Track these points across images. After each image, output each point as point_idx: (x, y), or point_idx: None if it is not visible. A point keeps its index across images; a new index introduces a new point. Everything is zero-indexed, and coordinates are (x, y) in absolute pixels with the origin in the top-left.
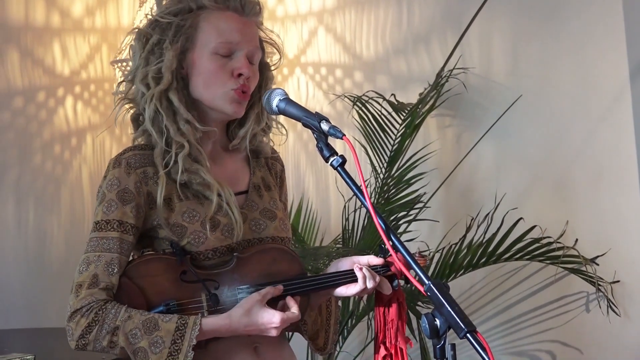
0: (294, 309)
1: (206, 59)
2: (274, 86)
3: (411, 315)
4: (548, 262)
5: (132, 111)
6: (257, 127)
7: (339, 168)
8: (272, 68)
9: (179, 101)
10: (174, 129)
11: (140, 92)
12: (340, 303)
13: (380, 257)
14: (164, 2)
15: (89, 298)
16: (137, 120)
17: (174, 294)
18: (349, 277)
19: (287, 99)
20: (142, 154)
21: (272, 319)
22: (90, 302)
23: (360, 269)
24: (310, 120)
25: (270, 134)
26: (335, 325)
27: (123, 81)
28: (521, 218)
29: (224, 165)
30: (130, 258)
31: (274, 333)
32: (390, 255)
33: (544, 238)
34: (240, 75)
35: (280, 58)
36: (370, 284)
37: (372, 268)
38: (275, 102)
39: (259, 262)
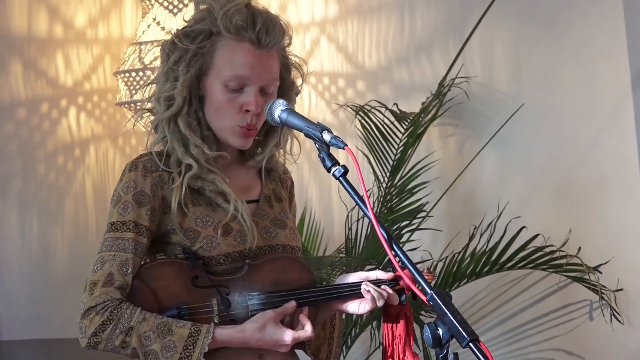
0: (307, 327)
1: (217, 89)
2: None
3: (414, 324)
4: (551, 270)
5: (143, 120)
6: (275, 149)
7: (341, 178)
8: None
9: (187, 127)
10: (181, 152)
11: (156, 111)
12: (344, 315)
13: (388, 271)
14: (188, 17)
15: (104, 296)
16: (156, 128)
17: (185, 298)
18: (360, 289)
19: (289, 110)
20: (161, 159)
21: (284, 337)
22: (105, 301)
23: (368, 291)
24: (312, 130)
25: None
26: (338, 338)
27: (148, 84)
28: (524, 227)
29: (236, 175)
30: (143, 262)
31: (283, 350)
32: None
33: (547, 246)
34: (248, 111)
35: (302, 83)
36: (380, 303)
37: (381, 282)
38: (277, 113)
39: (270, 270)
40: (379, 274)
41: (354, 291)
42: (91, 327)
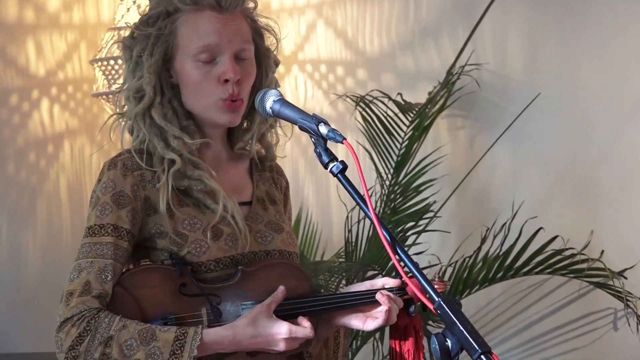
0: (306, 324)
1: (189, 67)
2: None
3: None
4: (571, 275)
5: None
6: (265, 126)
7: (339, 175)
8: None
9: (163, 118)
10: (161, 147)
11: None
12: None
13: (394, 277)
14: (144, 9)
15: (81, 306)
16: (131, 130)
17: (172, 307)
18: (367, 298)
19: (282, 100)
20: (141, 157)
21: (280, 329)
22: (82, 311)
23: (388, 301)
24: (308, 122)
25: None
26: (343, 357)
27: (118, 91)
28: (541, 228)
29: (226, 173)
30: (125, 268)
31: (281, 346)
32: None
33: (567, 249)
34: (227, 81)
35: (278, 44)
36: (393, 319)
37: (388, 291)
38: (269, 104)
39: (265, 278)
40: (386, 282)
41: (359, 301)
42: (68, 340)
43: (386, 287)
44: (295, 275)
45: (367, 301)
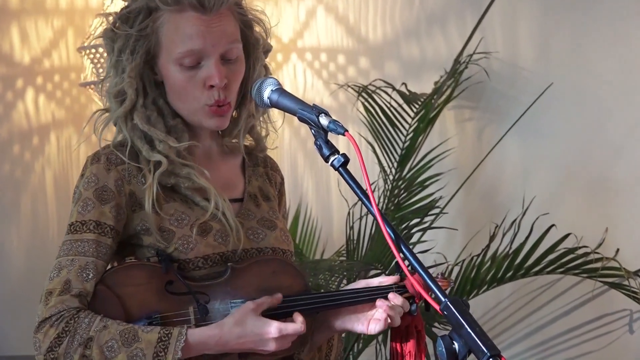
0: (297, 319)
1: (173, 70)
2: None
3: (426, 338)
4: (585, 275)
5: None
6: (254, 119)
7: (340, 169)
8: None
9: (146, 122)
10: (145, 150)
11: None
12: (343, 334)
13: (397, 274)
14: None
15: (60, 306)
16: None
17: (158, 306)
18: (365, 296)
19: (280, 90)
20: (124, 151)
21: (268, 328)
22: (60, 311)
23: (387, 309)
24: (307, 113)
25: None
26: None
27: (102, 81)
28: (553, 225)
29: (217, 170)
30: (109, 266)
31: (271, 347)
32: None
33: (580, 248)
34: (212, 86)
35: (268, 36)
36: (397, 322)
37: (386, 288)
38: (266, 94)
39: (257, 275)
40: (383, 280)
41: (356, 299)
42: (46, 341)
43: (384, 285)
44: (288, 273)
45: (365, 299)
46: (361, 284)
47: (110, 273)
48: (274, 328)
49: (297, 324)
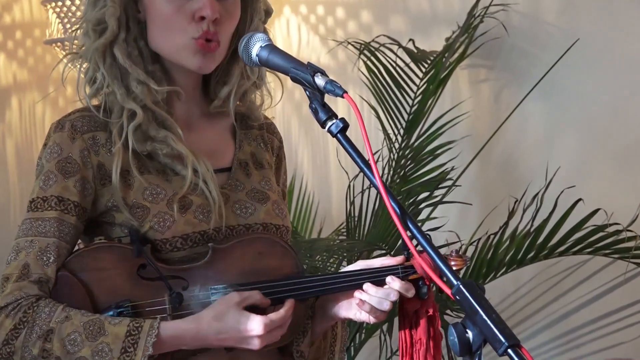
0: (285, 306)
1: (160, 0)
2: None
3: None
4: (616, 256)
5: (78, 66)
6: (247, 83)
7: (339, 135)
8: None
9: (127, 57)
10: (121, 93)
11: (85, 46)
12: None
13: (404, 254)
14: None
15: (17, 293)
16: (92, 81)
17: (129, 293)
18: (365, 279)
19: (270, 46)
20: (92, 116)
21: (251, 325)
22: (18, 299)
23: (363, 302)
24: (301, 73)
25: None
26: (341, 352)
27: (76, 30)
28: (580, 199)
29: (202, 134)
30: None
31: (255, 344)
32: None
33: (611, 225)
34: (203, 18)
35: None
36: (385, 307)
37: (390, 270)
38: (255, 50)
39: (240, 256)
40: (385, 262)
41: (355, 282)
42: (1, 333)
43: (387, 266)
44: (277, 253)
45: (363, 280)
46: (360, 265)
47: (75, 256)
48: (257, 324)
49: (281, 313)
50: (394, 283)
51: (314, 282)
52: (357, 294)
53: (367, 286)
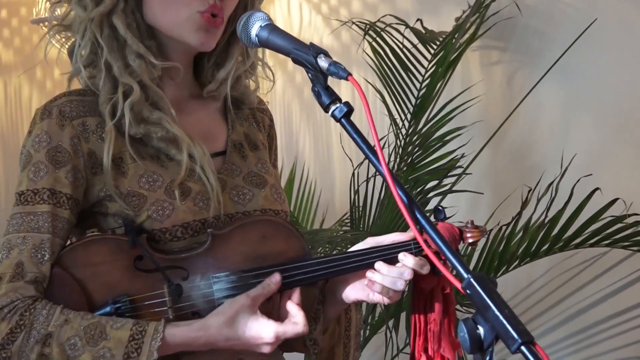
0: (299, 318)
1: None
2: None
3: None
4: (635, 248)
5: (68, 43)
6: (243, 67)
7: (343, 120)
8: None
9: (126, 28)
10: (118, 66)
11: (76, 16)
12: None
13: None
14: None
15: (12, 295)
16: (71, 53)
17: (126, 287)
18: (376, 257)
19: (271, 26)
20: (80, 101)
21: (263, 333)
22: (13, 301)
23: (373, 282)
24: (303, 54)
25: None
26: (356, 337)
27: (59, 1)
28: (597, 188)
29: (194, 116)
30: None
31: (266, 350)
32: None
33: (630, 215)
34: None
35: None
36: (399, 286)
37: (404, 246)
38: (254, 30)
39: (243, 240)
40: (397, 237)
41: (366, 261)
42: None
43: (398, 242)
44: (281, 235)
45: (375, 259)
46: (369, 242)
47: (68, 252)
48: (269, 332)
49: (298, 325)
50: (407, 260)
51: (323, 263)
52: (369, 274)
53: (379, 265)
